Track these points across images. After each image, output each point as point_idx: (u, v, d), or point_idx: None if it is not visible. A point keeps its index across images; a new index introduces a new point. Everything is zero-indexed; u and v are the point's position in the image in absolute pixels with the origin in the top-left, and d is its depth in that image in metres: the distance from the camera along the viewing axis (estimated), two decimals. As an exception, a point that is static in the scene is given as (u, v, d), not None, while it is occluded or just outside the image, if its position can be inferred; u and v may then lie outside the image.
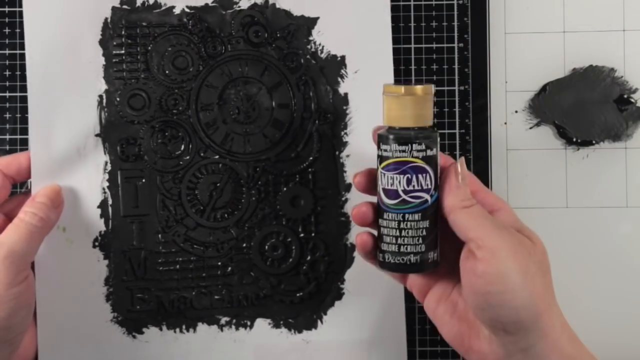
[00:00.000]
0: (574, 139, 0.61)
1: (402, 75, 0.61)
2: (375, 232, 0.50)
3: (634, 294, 0.61)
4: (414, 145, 0.48)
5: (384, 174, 0.48)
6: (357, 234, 0.51)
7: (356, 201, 0.57)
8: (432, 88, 0.49)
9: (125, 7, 0.59)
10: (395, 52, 0.60)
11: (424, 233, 0.48)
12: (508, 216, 0.50)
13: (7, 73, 0.60)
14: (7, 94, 0.61)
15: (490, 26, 0.61)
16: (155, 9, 0.59)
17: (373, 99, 0.58)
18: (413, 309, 0.60)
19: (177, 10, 0.59)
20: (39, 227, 0.54)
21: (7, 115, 0.60)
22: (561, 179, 0.62)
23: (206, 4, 0.59)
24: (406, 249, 0.48)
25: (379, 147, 0.49)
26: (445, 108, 0.61)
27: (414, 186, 0.48)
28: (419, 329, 0.60)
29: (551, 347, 0.47)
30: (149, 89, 0.58)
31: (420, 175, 0.48)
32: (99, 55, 0.58)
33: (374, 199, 0.50)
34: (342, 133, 0.59)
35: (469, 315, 0.50)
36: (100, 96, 0.58)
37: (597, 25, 0.61)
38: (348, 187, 0.59)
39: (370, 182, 0.51)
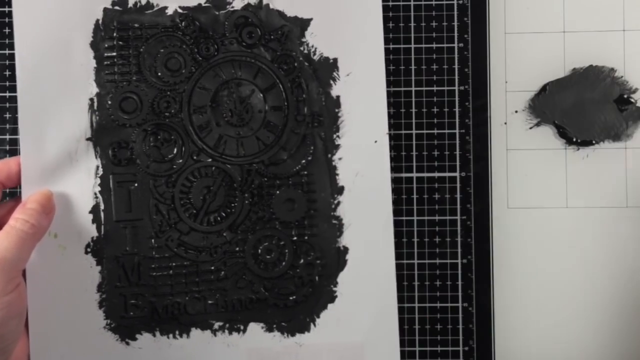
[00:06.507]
0: (574, 139, 0.61)
1: (402, 75, 0.60)
2: None
3: (633, 295, 0.61)
4: None
5: None
6: None
7: (348, 204, 0.57)
8: None
9: (117, 8, 0.58)
10: (395, 52, 0.60)
11: None
12: None
13: (7, 73, 0.60)
14: (7, 94, 0.60)
15: (490, 26, 0.61)
16: (147, 9, 0.58)
17: (364, 102, 0.58)
18: (413, 309, 0.60)
19: (169, 11, 0.58)
20: (30, 234, 0.53)
21: (7, 115, 0.60)
22: (561, 179, 0.61)
23: (199, 4, 0.58)
24: None
25: None
26: (445, 108, 0.60)
27: None
28: (419, 329, 0.60)
29: None
30: (141, 92, 0.58)
31: None
32: (90, 57, 0.57)
33: None
34: (334, 136, 0.58)
35: None
36: (91, 99, 0.57)
37: (597, 25, 0.61)
38: (340, 190, 0.58)
39: None
